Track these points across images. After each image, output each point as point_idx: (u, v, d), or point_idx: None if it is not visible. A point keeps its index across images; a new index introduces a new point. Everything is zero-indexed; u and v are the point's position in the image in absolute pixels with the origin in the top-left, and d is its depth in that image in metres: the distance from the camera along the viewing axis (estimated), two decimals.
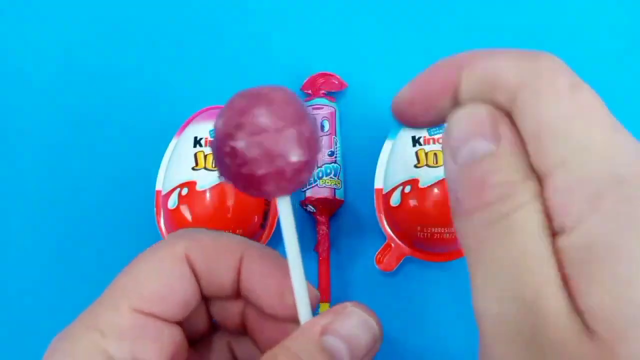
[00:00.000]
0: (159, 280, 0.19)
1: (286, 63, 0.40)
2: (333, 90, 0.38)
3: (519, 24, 0.41)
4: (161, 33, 0.40)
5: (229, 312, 0.22)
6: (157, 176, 0.34)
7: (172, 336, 0.19)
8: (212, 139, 0.18)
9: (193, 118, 0.35)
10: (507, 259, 0.14)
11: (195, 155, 0.33)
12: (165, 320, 0.19)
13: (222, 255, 0.20)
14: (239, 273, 0.20)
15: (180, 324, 0.20)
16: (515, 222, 0.14)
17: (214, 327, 0.23)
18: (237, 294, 0.21)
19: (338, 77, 0.38)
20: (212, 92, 0.39)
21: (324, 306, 0.35)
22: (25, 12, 0.40)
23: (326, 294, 0.35)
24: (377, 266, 0.34)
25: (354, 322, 0.19)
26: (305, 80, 0.38)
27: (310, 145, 0.17)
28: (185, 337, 0.20)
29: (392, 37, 0.40)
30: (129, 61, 0.39)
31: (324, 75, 0.38)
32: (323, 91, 0.38)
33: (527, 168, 0.14)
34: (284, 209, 0.18)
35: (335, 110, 0.37)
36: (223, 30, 0.40)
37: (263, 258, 0.20)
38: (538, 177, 0.14)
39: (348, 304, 0.19)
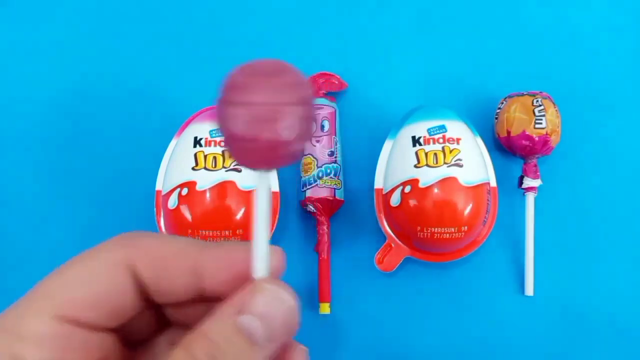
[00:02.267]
0: (91, 286, 0.17)
1: None
2: (333, 90, 0.38)
3: (518, 24, 0.41)
4: (161, 33, 0.40)
5: (191, 315, 0.21)
6: (157, 176, 0.34)
7: (101, 344, 0.18)
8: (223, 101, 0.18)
9: (193, 118, 0.35)
10: None
11: (195, 155, 0.33)
12: (95, 327, 0.17)
13: (172, 261, 0.19)
14: (197, 276, 0.19)
15: (116, 329, 0.19)
16: None
17: (163, 325, 0.22)
18: (200, 297, 0.20)
19: (338, 77, 0.38)
20: (212, 92, 0.39)
21: (324, 306, 0.35)
22: (25, 11, 0.40)
23: (326, 294, 0.35)
24: (377, 266, 0.34)
25: (267, 298, 0.18)
26: None
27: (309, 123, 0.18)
28: (119, 344, 0.19)
29: (392, 37, 0.40)
30: (129, 61, 0.39)
31: (324, 75, 0.38)
32: (323, 91, 0.38)
33: None
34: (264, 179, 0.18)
35: (335, 110, 0.37)
36: (223, 30, 0.40)
37: (223, 256, 0.20)
38: None
39: (259, 280, 0.18)
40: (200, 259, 0.19)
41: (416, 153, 0.33)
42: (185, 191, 0.32)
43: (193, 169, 0.32)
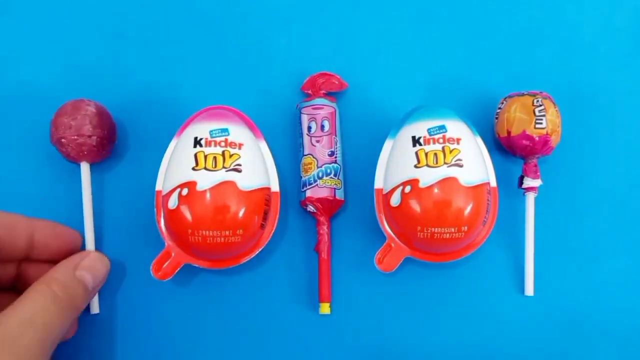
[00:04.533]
0: None
1: (286, 63, 0.40)
2: (333, 90, 0.38)
3: (519, 24, 0.41)
4: (161, 33, 0.40)
5: (6, 271, 0.31)
6: (157, 176, 0.34)
7: None
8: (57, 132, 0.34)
9: (193, 118, 0.35)
10: None
11: (195, 155, 0.33)
12: None
13: (18, 226, 0.30)
14: (30, 241, 0.31)
15: None
16: None
17: None
18: (24, 258, 0.31)
19: (338, 77, 0.38)
20: (212, 92, 0.39)
21: (324, 306, 0.35)
22: (24, 11, 0.40)
23: (326, 294, 0.35)
24: (377, 266, 0.34)
25: (93, 259, 0.31)
26: (305, 80, 0.38)
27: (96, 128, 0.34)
28: None
29: (392, 37, 0.40)
30: (129, 61, 0.39)
31: (324, 75, 0.38)
32: (323, 91, 0.38)
33: None
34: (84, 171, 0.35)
35: (335, 110, 0.37)
36: (223, 30, 0.40)
37: (55, 229, 0.32)
38: None
39: (88, 250, 0.33)
40: (35, 229, 0.31)
41: (416, 153, 0.33)
42: (185, 191, 0.32)
43: (193, 169, 0.32)
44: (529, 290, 0.36)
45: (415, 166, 0.33)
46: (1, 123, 0.38)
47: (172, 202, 0.32)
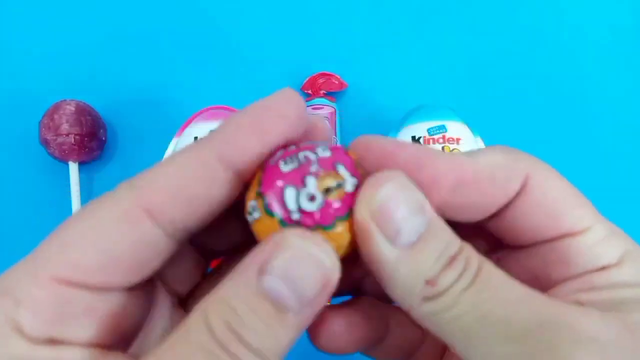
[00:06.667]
0: (97, 242, 0.14)
1: (286, 63, 0.40)
2: (333, 90, 0.38)
3: (519, 24, 0.41)
4: (162, 33, 0.40)
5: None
6: None
7: (112, 307, 0.15)
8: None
9: (193, 118, 0.35)
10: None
11: None
12: (105, 288, 0.15)
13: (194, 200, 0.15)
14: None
15: (142, 285, 0.16)
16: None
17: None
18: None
19: (338, 77, 0.38)
20: (212, 92, 0.39)
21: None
22: (27, 12, 0.40)
23: None
24: None
25: (293, 255, 0.14)
26: (305, 80, 0.38)
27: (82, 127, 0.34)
28: (134, 302, 0.16)
29: (392, 37, 0.40)
30: (129, 61, 0.39)
31: (324, 75, 0.38)
32: (323, 91, 0.38)
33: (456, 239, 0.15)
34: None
35: (335, 110, 0.37)
36: (223, 30, 0.40)
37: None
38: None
39: (289, 232, 0.14)
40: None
41: None
42: None
43: None
44: None
45: None
46: None
47: None
